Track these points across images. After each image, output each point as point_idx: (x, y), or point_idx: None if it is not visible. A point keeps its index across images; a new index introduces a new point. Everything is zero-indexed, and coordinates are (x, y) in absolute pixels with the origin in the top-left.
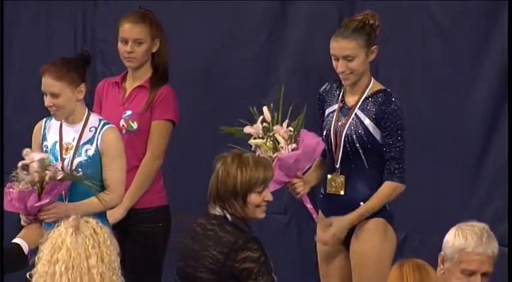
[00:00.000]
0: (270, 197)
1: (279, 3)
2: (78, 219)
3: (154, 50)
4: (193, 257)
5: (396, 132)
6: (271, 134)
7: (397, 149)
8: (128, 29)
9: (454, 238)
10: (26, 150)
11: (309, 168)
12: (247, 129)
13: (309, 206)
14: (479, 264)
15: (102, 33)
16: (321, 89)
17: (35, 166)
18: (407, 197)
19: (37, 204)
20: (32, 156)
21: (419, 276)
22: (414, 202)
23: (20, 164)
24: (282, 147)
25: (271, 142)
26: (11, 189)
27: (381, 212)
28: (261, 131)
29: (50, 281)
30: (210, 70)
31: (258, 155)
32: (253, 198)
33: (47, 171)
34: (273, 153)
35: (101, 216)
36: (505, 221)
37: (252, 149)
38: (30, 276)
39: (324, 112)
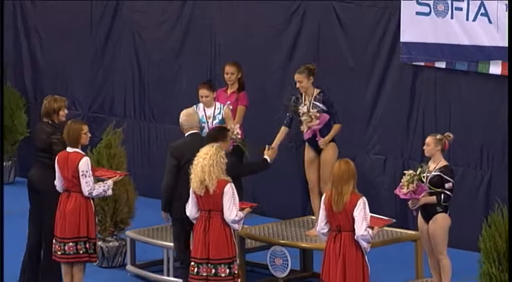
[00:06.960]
0: None
1: None
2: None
3: (239, 76)
4: None
5: (332, 106)
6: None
7: (336, 112)
8: (228, 68)
9: None
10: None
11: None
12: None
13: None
14: None
15: (219, 70)
16: (295, 94)
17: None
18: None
19: None
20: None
21: (346, 165)
22: None
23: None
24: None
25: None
26: None
27: None
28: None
29: (193, 168)
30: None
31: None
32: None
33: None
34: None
35: None
36: None
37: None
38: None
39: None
